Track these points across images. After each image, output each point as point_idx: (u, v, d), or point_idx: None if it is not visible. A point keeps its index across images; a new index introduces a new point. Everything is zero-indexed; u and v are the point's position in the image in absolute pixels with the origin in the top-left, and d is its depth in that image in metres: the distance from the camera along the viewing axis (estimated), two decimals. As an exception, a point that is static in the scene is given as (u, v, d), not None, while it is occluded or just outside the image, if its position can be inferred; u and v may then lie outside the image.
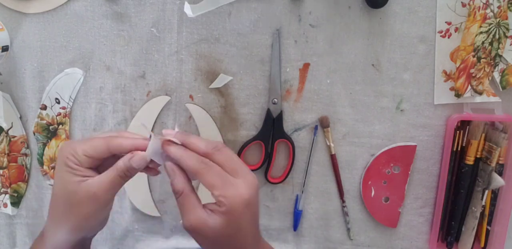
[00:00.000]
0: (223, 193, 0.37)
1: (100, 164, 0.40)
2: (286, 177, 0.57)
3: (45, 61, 0.56)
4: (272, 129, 0.56)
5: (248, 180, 0.39)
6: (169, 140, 0.40)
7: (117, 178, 0.39)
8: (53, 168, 0.59)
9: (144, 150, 0.39)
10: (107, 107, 0.57)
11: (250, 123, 0.57)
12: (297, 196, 0.59)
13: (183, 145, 0.40)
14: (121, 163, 0.38)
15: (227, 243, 0.38)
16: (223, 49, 0.55)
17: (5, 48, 0.55)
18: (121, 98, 0.57)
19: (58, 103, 0.56)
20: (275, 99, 0.55)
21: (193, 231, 0.38)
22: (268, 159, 0.57)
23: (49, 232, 0.41)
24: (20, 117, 0.59)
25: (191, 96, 0.56)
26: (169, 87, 0.56)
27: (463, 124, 0.56)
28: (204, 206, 0.38)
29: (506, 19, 0.52)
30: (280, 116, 0.56)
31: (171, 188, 0.39)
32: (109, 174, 0.39)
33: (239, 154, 0.57)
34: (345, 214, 0.59)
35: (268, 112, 0.56)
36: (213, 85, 0.56)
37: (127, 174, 0.39)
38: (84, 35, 0.55)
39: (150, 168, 0.42)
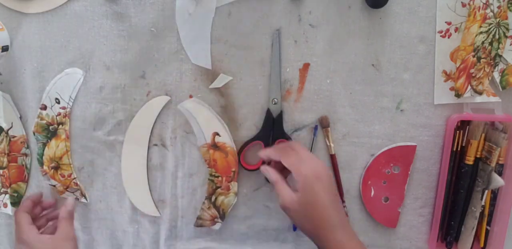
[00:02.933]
0: (297, 170, 0.47)
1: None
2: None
3: (45, 61, 0.56)
4: (272, 129, 0.56)
5: (315, 159, 0.49)
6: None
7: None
8: (53, 168, 0.59)
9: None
10: (107, 107, 0.57)
11: (250, 123, 0.57)
12: (297, 196, 0.59)
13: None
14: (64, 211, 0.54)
15: (310, 211, 0.46)
16: (223, 49, 0.55)
17: (5, 48, 0.55)
18: (121, 98, 0.57)
19: (58, 103, 0.56)
20: (275, 99, 0.55)
21: (286, 209, 0.47)
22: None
23: None
24: (20, 117, 0.59)
25: (191, 96, 0.56)
26: (169, 87, 0.56)
27: (463, 124, 0.56)
28: (292, 187, 0.48)
29: (506, 19, 0.52)
30: (280, 116, 0.56)
31: (270, 182, 0.50)
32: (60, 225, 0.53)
33: (239, 154, 0.57)
34: (345, 214, 0.59)
35: (268, 112, 0.56)
36: (213, 85, 0.56)
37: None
38: (84, 35, 0.55)
39: None
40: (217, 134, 0.56)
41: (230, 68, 0.55)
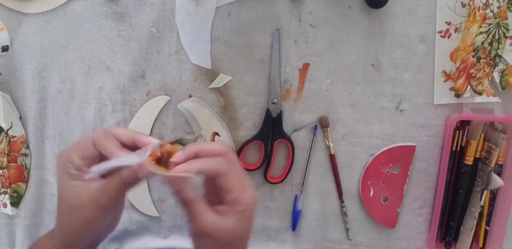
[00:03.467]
0: (242, 193, 0.37)
1: (100, 161, 0.40)
2: (286, 177, 0.58)
3: (45, 61, 0.56)
4: (272, 129, 0.56)
5: (251, 181, 0.39)
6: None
7: (121, 186, 0.38)
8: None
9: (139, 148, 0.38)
10: (107, 107, 0.57)
11: (250, 123, 0.57)
12: (296, 196, 0.59)
13: (197, 155, 0.38)
14: (126, 173, 0.37)
15: (238, 242, 0.38)
16: (223, 49, 0.55)
17: (5, 48, 0.55)
18: (120, 98, 0.57)
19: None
20: (275, 99, 0.55)
21: (204, 236, 0.37)
22: (267, 159, 0.57)
23: (56, 234, 0.41)
24: (20, 117, 0.59)
25: (190, 96, 0.56)
26: (169, 87, 0.56)
27: (463, 124, 0.56)
28: (212, 209, 0.38)
29: (506, 19, 0.52)
30: (279, 116, 0.56)
31: (179, 198, 0.38)
32: (112, 181, 0.38)
33: (239, 154, 0.57)
34: (344, 214, 0.59)
35: (268, 112, 0.56)
36: (213, 85, 0.56)
37: (131, 182, 0.38)
38: (84, 35, 0.55)
39: None
40: (217, 134, 0.56)
41: (230, 68, 0.55)
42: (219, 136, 0.56)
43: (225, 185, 0.37)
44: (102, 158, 0.39)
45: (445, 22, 0.53)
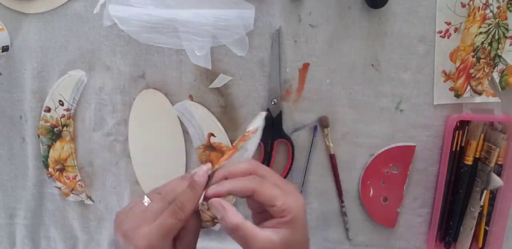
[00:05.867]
0: (286, 201, 0.36)
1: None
2: (285, 177, 0.58)
3: (45, 61, 0.56)
4: (272, 129, 0.56)
5: (293, 185, 0.39)
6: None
7: (169, 221, 0.37)
8: (59, 170, 0.59)
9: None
10: (107, 107, 0.57)
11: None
12: (296, 196, 0.59)
13: (226, 178, 0.39)
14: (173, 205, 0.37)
15: None
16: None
17: (5, 48, 0.55)
18: (120, 98, 0.57)
19: (62, 105, 0.56)
20: (275, 99, 0.55)
21: None
22: (267, 159, 0.57)
23: None
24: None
25: (190, 96, 0.57)
26: (169, 87, 0.56)
27: (462, 124, 0.56)
28: (262, 226, 0.37)
29: (506, 19, 0.52)
30: (279, 116, 0.56)
31: (224, 225, 0.37)
32: (160, 219, 0.37)
33: (239, 154, 0.57)
34: (343, 214, 0.59)
35: (268, 112, 0.56)
36: (213, 85, 0.56)
37: (179, 215, 0.38)
38: (84, 35, 0.55)
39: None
40: (212, 134, 0.56)
41: (230, 68, 0.55)
42: (215, 136, 0.56)
43: (264, 200, 0.36)
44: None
45: (445, 22, 0.53)
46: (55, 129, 0.58)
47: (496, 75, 0.54)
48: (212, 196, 0.37)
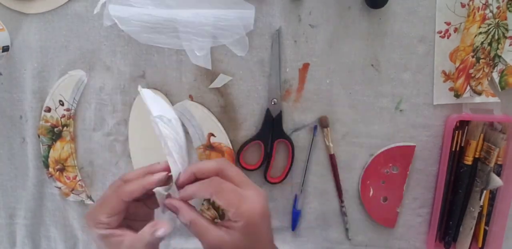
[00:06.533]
0: (240, 208, 0.38)
1: (127, 212, 0.42)
2: (285, 177, 0.58)
3: (45, 61, 0.57)
4: (272, 129, 0.56)
5: (257, 191, 0.40)
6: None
7: (113, 200, 0.40)
8: (59, 170, 0.59)
9: (152, 188, 0.40)
10: (107, 107, 0.57)
11: (250, 123, 0.57)
12: (295, 196, 0.59)
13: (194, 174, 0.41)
14: (146, 236, 0.39)
15: None
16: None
17: (6, 48, 0.55)
18: (120, 98, 0.57)
19: (62, 105, 0.56)
20: (275, 99, 0.55)
21: None
22: (267, 159, 0.57)
23: None
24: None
25: (190, 96, 0.57)
26: (169, 87, 0.56)
27: (462, 124, 0.56)
28: (219, 224, 0.39)
29: (505, 19, 0.52)
30: (279, 116, 0.56)
31: (182, 222, 0.40)
32: (104, 198, 0.41)
33: (239, 154, 0.57)
34: (343, 214, 0.59)
35: (268, 112, 0.56)
36: (213, 85, 0.56)
37: (156, 242, 0.40)
38: (84, 35, 0.55)
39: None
40: (212, 134, 0.56)
41: (230, 68, 0.55)
42: (215, 136, 0.56)
43: (220, 204, 0.38)
44: (127, 209, 0.41)
45: (445, 22, 0.53)
46: (55, 129, 0.58)
47: (495, 75, 0.54)
48: (181, 199, 0.41)
